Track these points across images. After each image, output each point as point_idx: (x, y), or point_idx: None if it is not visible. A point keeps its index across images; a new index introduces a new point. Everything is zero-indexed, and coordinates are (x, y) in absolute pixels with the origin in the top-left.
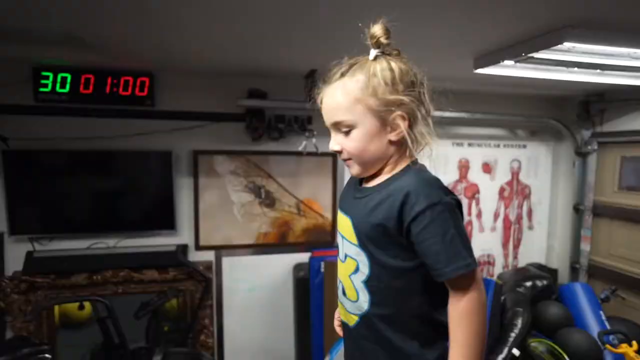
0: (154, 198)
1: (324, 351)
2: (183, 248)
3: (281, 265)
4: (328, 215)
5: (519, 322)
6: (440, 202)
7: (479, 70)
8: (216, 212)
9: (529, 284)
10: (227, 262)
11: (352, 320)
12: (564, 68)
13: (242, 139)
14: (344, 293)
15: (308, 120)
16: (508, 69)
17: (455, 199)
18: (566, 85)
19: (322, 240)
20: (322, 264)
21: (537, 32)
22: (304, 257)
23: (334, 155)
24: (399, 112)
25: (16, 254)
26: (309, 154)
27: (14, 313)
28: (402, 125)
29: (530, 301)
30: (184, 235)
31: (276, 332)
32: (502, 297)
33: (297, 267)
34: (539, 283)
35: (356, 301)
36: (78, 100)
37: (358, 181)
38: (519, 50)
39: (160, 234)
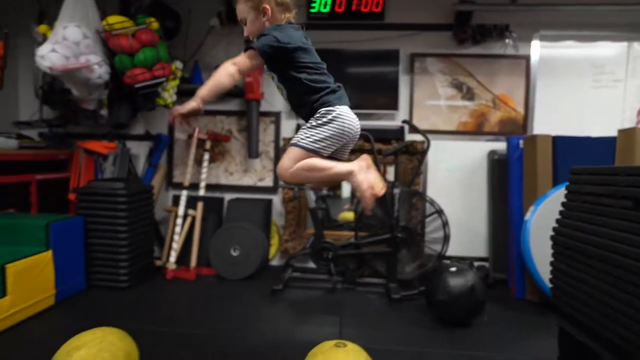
0: (386, 85)
1: (523, 212)
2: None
3: (477, 151)
4: (520, 109)
5: None
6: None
7: None
8: (426, 102)
9: None
10: (432, 144)
11: None
12: None
13: (448, 44)
14: None
15: (506, 28)
16: None
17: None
18: None
19: (515, 132)
20: (521, 141)
21: None
22: (496, 145)
23: (528, 58)
24: (264, 5)
25: (287, 127)
26: (505, 56)
27: None
28: (269, 12)
29: None
30: (401, 119)
31: (470, 209)
32: None
33: (492, 153)
34: None
35: None
36: (334, 17)
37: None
38: None
39: (384, 117)
